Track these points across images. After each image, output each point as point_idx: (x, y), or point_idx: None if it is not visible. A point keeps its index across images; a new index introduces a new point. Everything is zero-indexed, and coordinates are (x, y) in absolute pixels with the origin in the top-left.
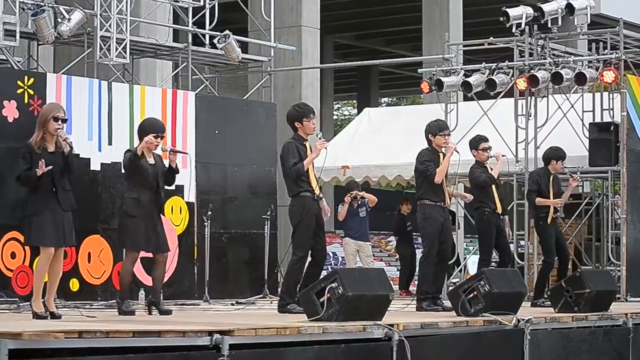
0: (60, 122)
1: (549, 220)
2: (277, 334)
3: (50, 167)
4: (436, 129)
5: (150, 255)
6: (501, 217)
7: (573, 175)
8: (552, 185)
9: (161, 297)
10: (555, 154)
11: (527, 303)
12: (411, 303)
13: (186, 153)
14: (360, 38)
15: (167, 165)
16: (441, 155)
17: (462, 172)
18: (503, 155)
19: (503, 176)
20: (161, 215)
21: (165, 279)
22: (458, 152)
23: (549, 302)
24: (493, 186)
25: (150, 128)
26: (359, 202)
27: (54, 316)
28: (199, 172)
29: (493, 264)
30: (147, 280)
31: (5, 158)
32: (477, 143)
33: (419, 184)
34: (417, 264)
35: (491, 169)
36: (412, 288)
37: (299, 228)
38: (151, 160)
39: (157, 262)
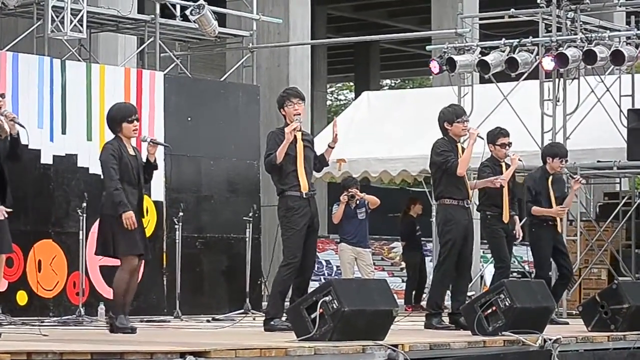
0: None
1: (559, 229)
2: (260, 356)
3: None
4: (452, 115)
5: (109, 263)
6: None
7: (574, 176)
8: (552, 187)
9: (127, 312)
10: (550, 151)
11: None
12: (407, 316)
13: (167, 145)
14: (358, 9)
15: (144, 159)
16: (459, 145)
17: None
18: (520, 160)
19: (527, 172)
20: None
21: None
22: (482, 138)
23: (563, 319)
24: (504, 189)
25: (119, 115)
26: (357, 202)
27: None
28: (168, 166)
29: (515, 273)
30: (109, 293)
31: None
32: (495, 137)
33: (437, 180)
34: (427, 274)
35: (506, 169)
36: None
37: (285, 233)
38: (132, 152)
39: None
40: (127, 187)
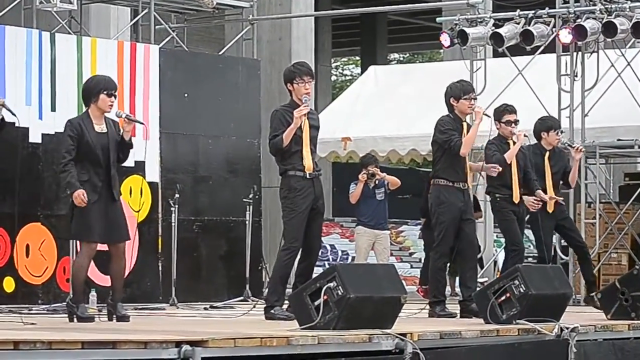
0: None
1: (549, 209)
2: (261, 345)
3: None
4: (460, 91)
5: (105, 248)
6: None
7: (572, 145)
8: (549, 163)
9: (121, 299)
10: (543, 125)
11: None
12: (426, 307)
13: (142, 123)
14: None
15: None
16: (465, 124)
17: None
18: (525, 135)
19: None
20: (118, 196)
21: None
22: (489, 117)
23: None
24: (513, 169)
25: (98, 86)
26: (377, 182)
27: None
28: (163, 145)
29: (530, 259)
30: (101, 279)
31: None
32: (500, 114)
33: (437, 159)
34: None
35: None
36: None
37: (287, 215)
38: (101, 128)
39: (114, 254)
40: (90, 166)
